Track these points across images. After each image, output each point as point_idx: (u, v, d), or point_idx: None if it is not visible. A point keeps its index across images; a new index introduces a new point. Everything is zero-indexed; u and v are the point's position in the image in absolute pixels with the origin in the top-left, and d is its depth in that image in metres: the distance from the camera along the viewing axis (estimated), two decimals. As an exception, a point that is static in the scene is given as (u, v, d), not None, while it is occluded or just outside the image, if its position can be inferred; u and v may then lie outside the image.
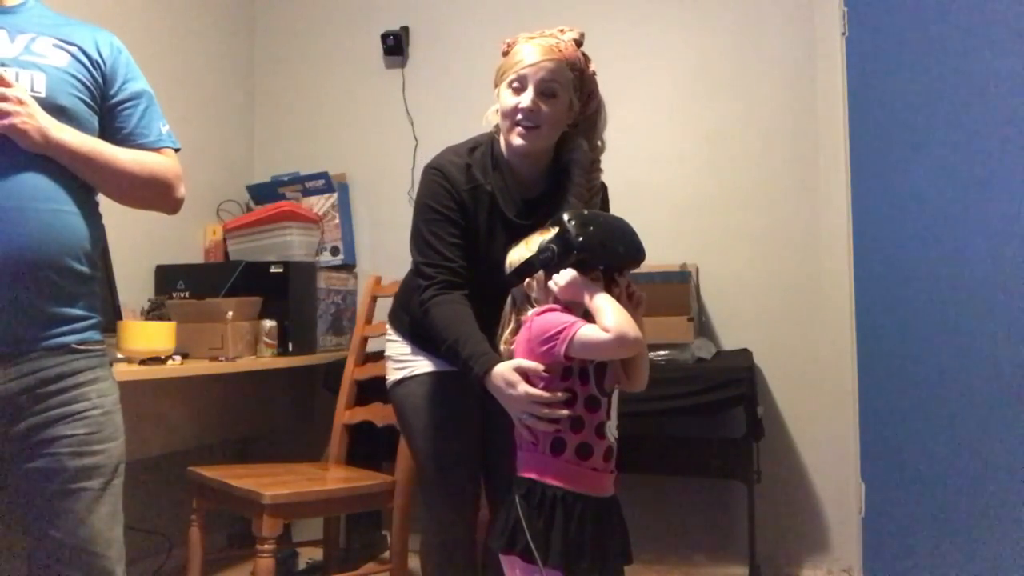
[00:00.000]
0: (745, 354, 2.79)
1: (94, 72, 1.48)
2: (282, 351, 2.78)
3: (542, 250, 1.46)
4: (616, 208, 1.79)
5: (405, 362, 1.84)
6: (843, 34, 2.66)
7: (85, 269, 1.43)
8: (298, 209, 3.16)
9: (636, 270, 1.62)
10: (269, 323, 2.73)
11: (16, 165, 1.34)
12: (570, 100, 1.66)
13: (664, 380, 2.24)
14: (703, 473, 2.78)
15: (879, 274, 2.40)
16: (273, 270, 2.85)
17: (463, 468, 1.80)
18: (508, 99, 1.64)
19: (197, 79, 3.19)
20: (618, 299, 1.45)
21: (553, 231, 1.47)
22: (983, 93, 1.79)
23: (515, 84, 1.63)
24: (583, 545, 1.38)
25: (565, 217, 1.44)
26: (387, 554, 2.70)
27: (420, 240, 1.70)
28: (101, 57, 1.50)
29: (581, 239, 1.40)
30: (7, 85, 1.34)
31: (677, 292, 2.63)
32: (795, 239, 2.86)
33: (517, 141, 1.64)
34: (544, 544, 1.37)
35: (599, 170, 1.73)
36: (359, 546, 2.91)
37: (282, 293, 2.81)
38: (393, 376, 1.86)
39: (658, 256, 2.77)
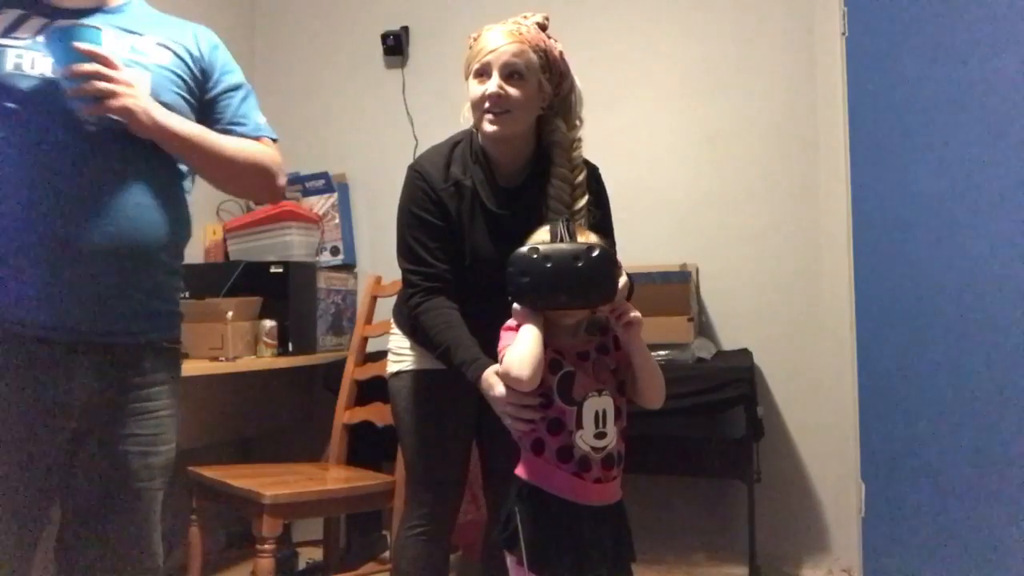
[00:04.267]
0: (745, 354, 2.79)
1: (193, 68, 1.50)
2: (282, 351, 2.78)
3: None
4: (616, 208, 1.79)
5: (402, 355, 1.86)
6: (843, 34, 2.65)
7: (173, 262, 1.46)
8: (298, 209, 3.16)
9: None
10: (269, 323, 2.73)
11: (123, 157, 1.36)
12: (539, 82, 1.63)
13: (664, 380, 2.24)
14: (703, 473, 2.78)
15: (879, 274, 2.40)
16: (273, 270, 2.85)
17: (447, 466, 1.81)
18: (475, 88, 1.63)
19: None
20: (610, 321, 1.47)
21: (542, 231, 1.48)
22: (983, 93, 1.79)
23: (480, 72, 1.62)
24: (554, 545, 1.39)
25: (510, 260, 1.41)
26: (387, 554, 2.71)
27: (404, 246, 1.72)
28: (201, 53, 1.52)
29: (511, 287, 1.41)
30: (115, 68, 1.32)
31: (677, 292, 2.63)
32: (795, 239, 2.86)
33: (489, 128, 1.62)
34: (520, 540, 1.39)
35: (579, 148, 1.71)
36: (359, 546, 2.91)
37: (282, 293, 2.81)
38: (390, 368, 1.89)
39: (658, 256, 2.80)
